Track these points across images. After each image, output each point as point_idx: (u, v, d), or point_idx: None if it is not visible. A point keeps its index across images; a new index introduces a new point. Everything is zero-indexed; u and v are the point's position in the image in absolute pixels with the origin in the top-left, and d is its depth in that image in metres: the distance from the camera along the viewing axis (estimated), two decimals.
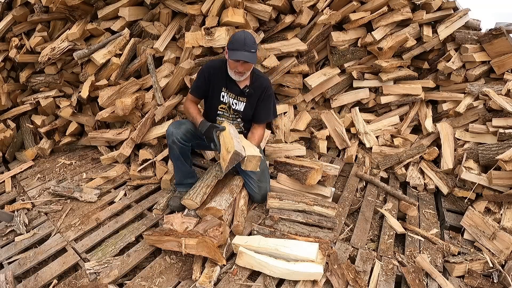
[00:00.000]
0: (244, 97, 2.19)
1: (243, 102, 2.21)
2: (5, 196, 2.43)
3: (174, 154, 2.19)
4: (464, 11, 3.13)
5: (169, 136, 2.14)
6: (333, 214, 2.15)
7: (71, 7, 2.65)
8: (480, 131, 2.74)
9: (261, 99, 2.21)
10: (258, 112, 2.25)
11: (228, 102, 2.22)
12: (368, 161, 3.04)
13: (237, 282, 1.73)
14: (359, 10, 3.10)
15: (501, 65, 2.98)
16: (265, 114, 2.28)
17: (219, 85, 2.18)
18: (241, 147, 1.89)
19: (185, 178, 2.30)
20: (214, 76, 2.16)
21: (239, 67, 1.98)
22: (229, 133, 1.97)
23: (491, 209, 2.30)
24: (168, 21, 2.87)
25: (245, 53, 1.92)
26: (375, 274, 1.84)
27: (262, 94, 2.20)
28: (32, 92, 2.97)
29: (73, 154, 3.03)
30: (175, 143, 2.13)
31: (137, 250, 1.92)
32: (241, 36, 1.94)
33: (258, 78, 2.18)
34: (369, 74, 3.34)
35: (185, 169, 2.26)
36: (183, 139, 2.14)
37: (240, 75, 2.04)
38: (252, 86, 2.16)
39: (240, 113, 2.25)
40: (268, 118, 2.33)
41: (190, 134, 2.18)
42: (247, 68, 2.02)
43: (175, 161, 2.25)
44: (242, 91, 2.16)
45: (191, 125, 2.21)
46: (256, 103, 2.22)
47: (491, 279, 1.88)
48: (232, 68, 2.03)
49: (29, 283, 1.71)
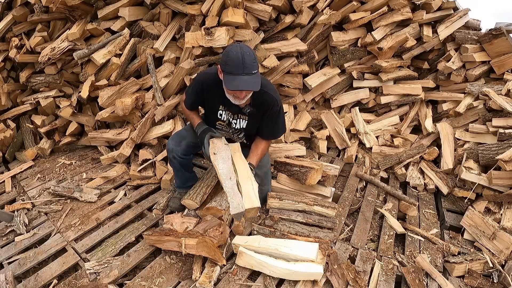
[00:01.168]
0: (245, 115, 1.92)
1: (245, 120, 1.95)
2: (5, 196, 2.42)
3: (174, 165, 2.14)
4: (464, 11, 3.13)
5: (169, 152, 2.07)
6: (333, 214, 2.15)
7: (71, 7, 2.65)
8: (480, 131, 2.74)
9: (266, 116, 1.90)
10: (263, 128, 1.97)
11: (227, 120, 1.98)
12: (368, 161, 3.04)
13: (237, 282, 1.73)
14: (359, 10, 3.10)
15: (501, 65, 2.98)
16: (271, 131, 2.00)
17: (215, 102, 1.92)
18: (238, 200, 1.62)
19: (185, 182, 2.26)
20: (208, 93, 1.89)
21: (239, 94, 1.67)
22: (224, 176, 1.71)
23: (491, 209, 2.30)
24: (168, 21, 2.87)
25: (244, 78, 1.57)
26: (375, 274, 1.84)
27: (266, 112, 1.88)
28: (32, 92, 2.97)
29: (73, 154, 3.03)
30: (176, 158, 2.07)
31: (137, 250, 1.92)
32: (237, 54, 1.57)
33: (261, 94, 1.78)
34: (369, 74, 3.34)
35: (186, 176, 2.23)
36: (184, 154, 2.06)
37: (240, 99, 1.72)
38: (253, 104, 1.85)
39: (242, 130, 2.00)
40: (275, 135, 2.04)
41: (192, 147, 2.08)
42: (248, 93, 1.71)
43: (176, 171, 2.21)
44: (241, 110, 1.89)
45: (192, 136, 2.05)
46: (261, 119, 1.92)
47: (491, 279, 1.88)
48: (230, 93, 1.71)
49: (29, 283, 1.71)
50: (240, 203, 1.61)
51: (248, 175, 1.77)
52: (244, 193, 1.66)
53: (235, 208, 1.60)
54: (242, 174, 1.76)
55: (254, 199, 1.66)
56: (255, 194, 1.68)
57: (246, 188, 1.69)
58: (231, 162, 1.80)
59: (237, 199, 1.63)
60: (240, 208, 1.60)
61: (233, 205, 1.60)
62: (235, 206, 1.60)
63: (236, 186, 1.69)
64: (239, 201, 1.62)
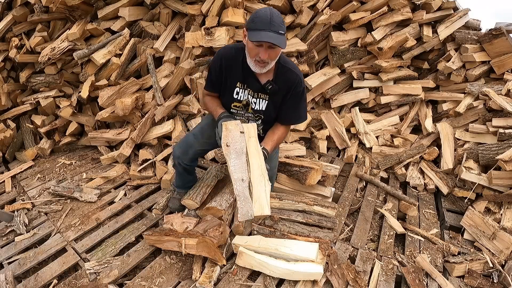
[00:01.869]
0: (266, 94, 1.76)
1: (265, 100, 1.77)
2: (5, 196, 2.42)
3: (178, 170, 2.11)
4: (464, 11, 3.13)
5: (175, 158, 2.02)
6: (333, 214, 2.15)
7: (71, 7, 2.65)
8: (480, 131, 2.74)
9: (289, 97, 1.75)
10: (283, 111, 1.81)
11: (244, 100, 1.79)
12: (368, 161, 3.04)
13: (237, 282, 1.73)
14: (359, 10, 3.10)
15: (501, 65, 2.98)
16: (291, 115, 1.83)
17: (234, 79, 1.75)
18: (247, 208, 1.49)
19: (186, 183, 2.23)
20: (227, 68, 1.73)
21: (262, 54, 1.52)
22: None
23: (491, 209, 2.30)
24: (168, 21, 2.87)
25: (270, 34, 1.46)
26: (375, 274, 1.84)
27: (290, 91, 1.73)
28: (32, 92, 2.97)
29: (73, 154, 3.03)
30: (180, 165, 2.03)
31: (137, 250, 1.92)
32: (265, 12, 1.48)
33: (285, 71, 1.70)
34: (369, 74, 3.34)
35: (188, 178, 2.20)
36: (189, 162, 2.02)
37: (262, 66, 1.59)
38: (276, 81, 1.71)
39: (261, 113, 1.81)
40: (295, 121, 1.89)
41: (199, 155, 2.05)
42: (272, 56, 1.56)
43: (178, 174, 2.17)
44: (263, 87, 1.72)
45: (200, 143, 1.96)
46: (283, 99, 1.77)
47: (491, 279, 1.88)
48: (253, 56, 1.57)
49: (29, 283, 1.71)
50: (249, 211, 1.50)
51: (262, 172, 1.62)
52: (255, 197, 1.54)
53: (243, 215, 1.48)
54: (255, 171, 1.61)
55: (264, 205, 1.54)
56: (266, 199, 1.56)
57: (257, 192, 1.56)
58: (245, 157, 1.62)
59: (246, 206, 1.51)
60: (249, 215, 1.49)
61: (242, 212, 1.49)
62: (244, 213, 1.50)
63: (248, 189, 1.55)
64: (248, 208, 1.50)
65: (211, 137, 1.91)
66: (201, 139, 1.98)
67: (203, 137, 1.99)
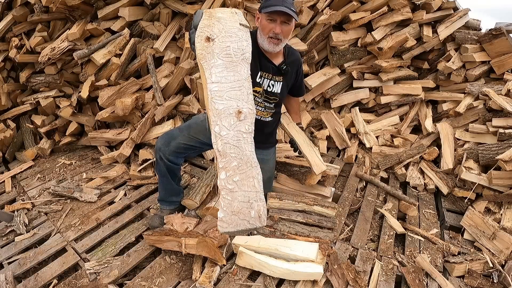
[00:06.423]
0: (281, 76, 1.86)
1: (280, 82, 1.87)
2: (5, 196, 2.42)
3: (160, 170, 1.98)
4: (464, 11, 3.13)
5: (157, 151, 1.93)
6: (333, 214, 2.15)
7: (71, 7, 2.65)
8: (480, 131, 2.74)
9: (298, 74, 1.97)
10: (296, 88, 2.04)
11: (264, 85, 1.85)
12: (368, 161, 3.04)
13: (237, 282, 1.72)
14: (359, 10, 3.11)
15: (501, 65, 2.98)
16: (300, 90, 2.10)
17: (253, 66, 1.68)
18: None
19: (169, 195, 2.11)
20: None
21: (276, 28, 1.62)
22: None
23: (491, 209, 2.30)
24: (168, 21, 2.87)
25: (283, 8, 1.57)
26: (375, 274, 1.84)
27: (298, 69, 1.95)
28: (32, 92, 2.97)
29: (73, 154, 3.03)
30: (162, 160, 1.92)
31: (137, 250, 1.92)
32: None
33: (291, 51, 1.89)
34: (369, 74, 3.34)
35: (171, 187, 2.06)
36: (171, 156, 1.92)
37: (276, 43, 1.66)
38: (287, 62, 1.84)
39: (277, 95, 1.89)
40: (303, 92, 2.14)
41: (182, 149, 1.93)
42: (285, 32, 1.65)
43: (160, 177, 2.03)
44: (278, 68, 1.82)
45: (184, 138, 1.93)
46: (294, 78, 1.96)
47: (491, 279, 1.88)
48: (267, 33, 1.65)
49: (29, 283, 1.71)
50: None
51: (308, 143, 2.03)
52: (312, 163, 1.97)
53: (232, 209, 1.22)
54: (303, 145, 2.01)
55: (320, 163, 2.01)
56: (319, 158, 2.02)
57: (312, 158, 1.98)
58: (247, 73, 1.31)
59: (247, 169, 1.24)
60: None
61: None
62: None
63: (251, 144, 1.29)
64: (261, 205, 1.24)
65: (198, 134, 1.93)
66: (186, 134, 1.94)
67: (189, 132, 1.95)
